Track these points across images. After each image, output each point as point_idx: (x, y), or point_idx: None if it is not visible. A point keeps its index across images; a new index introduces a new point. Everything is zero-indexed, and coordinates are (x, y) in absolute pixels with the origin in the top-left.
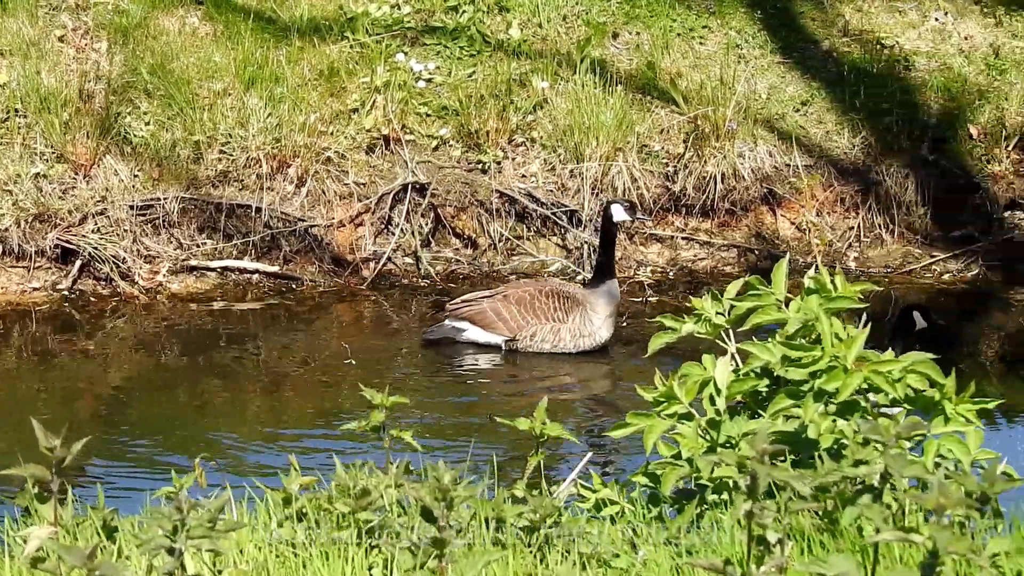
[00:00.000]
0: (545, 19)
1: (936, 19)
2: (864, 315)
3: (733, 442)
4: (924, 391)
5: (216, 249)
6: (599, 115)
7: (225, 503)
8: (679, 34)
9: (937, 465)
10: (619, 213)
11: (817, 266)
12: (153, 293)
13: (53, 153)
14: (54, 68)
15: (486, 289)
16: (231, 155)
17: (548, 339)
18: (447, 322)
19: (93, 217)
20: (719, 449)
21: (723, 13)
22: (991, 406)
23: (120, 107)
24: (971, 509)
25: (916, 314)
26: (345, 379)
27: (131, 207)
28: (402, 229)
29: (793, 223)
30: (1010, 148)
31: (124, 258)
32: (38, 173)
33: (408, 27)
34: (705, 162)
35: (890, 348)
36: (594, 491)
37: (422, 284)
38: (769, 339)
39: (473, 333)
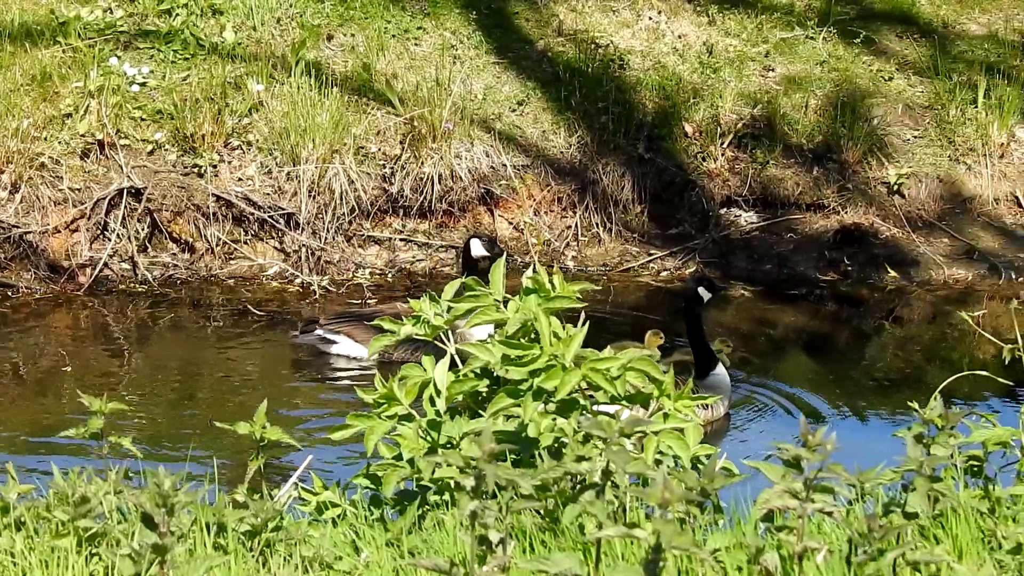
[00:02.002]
0: (259, 22)
1: (650, 18)
2: (583, 314)
3: (454, 443)
4: (643, 388)
5: None
6: (315, 117)
7: None
8: (394, 35)
9: (657, 462)
10: (477, 248)
11: (535, 266)
12: None
13: None
14: None
15: (356, 308)
16: None
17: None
18: (319, 331)
19: None
20: (440, 450)
21: (437, 14)
22: (710, 402)
23: None
24: (692, 504)
25: (701, 289)
26: (63, 386)
27: None
28: (118, 234)
29: (511, 223)
30: (725, 145)
31: None
32: None
33: (121, 31)
34: (422, 163)
35: (688, 328)
36: (315, 494)
37: (139, 290)
38: (489, 339)
39: (346, 347)
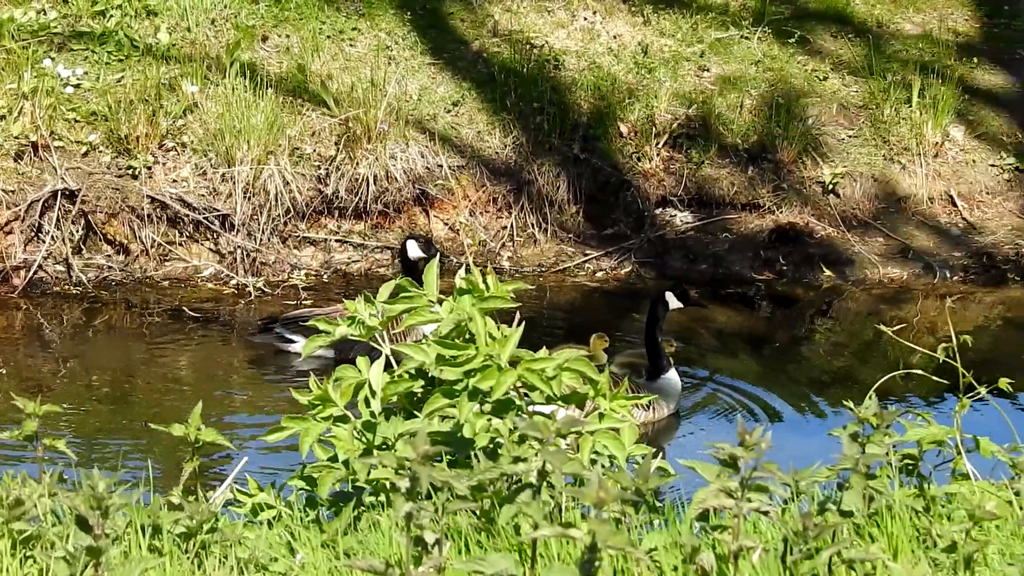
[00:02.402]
0: (194, 23)
1: (585, 18)
2: (518, 314)
3: (389, 444)
4: (579, 388)
5: None
6: (250, 118)
7: None
8: (329, 36)
9: (593, 462)
10: (414, 249)
11: (468, 266)
12: None
13: None
14: None
15: (317, 308)
16: None
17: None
18: (277, 330)
19: None
20: (375, 451)
21: (372, 15)
22: (644, 402)
23: None
24: (628, 504)
25: (670, 294)
26: None
27: None
28: (52, 236)
29: (447, 223)
30: (660, 145)
31: None
32: None
33: (55, 32)
34: (357, 164)
35: (646, 329)
36: (251, 496)
37: (74, 292)
38: (424, 340)
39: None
